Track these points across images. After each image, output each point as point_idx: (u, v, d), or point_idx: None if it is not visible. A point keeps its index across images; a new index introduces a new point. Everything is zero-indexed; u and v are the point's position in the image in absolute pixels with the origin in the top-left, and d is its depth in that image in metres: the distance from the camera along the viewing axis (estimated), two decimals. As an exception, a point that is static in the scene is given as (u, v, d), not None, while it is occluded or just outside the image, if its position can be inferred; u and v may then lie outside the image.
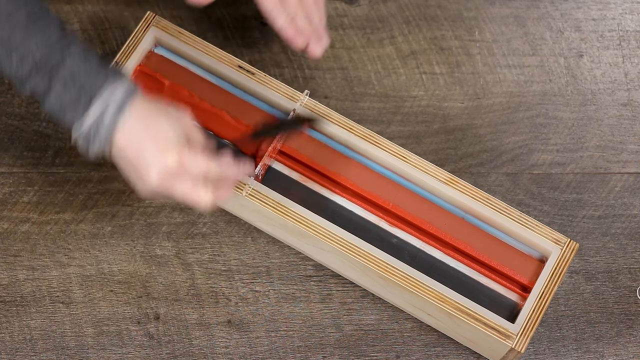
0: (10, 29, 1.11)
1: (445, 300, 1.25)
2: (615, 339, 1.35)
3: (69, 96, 1.11)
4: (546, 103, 1.46)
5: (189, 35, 1.34)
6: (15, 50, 1.11)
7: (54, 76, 1.12)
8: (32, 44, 1.11)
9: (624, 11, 1.51)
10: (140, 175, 1.11)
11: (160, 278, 1.35)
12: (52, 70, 1.12)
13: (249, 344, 1.33)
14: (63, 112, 1.12)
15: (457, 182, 1.29)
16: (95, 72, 1.12)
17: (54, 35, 1.12)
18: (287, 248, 1.37)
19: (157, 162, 1.10)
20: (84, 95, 1.11)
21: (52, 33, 1.12)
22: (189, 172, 1.11)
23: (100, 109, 1.11)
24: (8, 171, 1.39)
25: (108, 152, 1.13)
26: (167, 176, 1.11)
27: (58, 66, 1.11)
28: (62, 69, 1.12)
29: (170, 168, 1.10)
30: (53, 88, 1.12)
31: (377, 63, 1.47)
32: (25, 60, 1.11)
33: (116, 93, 1.11)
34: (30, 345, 1.32)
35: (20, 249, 1.36)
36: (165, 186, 1.11)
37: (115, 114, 1.11)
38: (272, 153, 1.30)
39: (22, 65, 1.12)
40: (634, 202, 1.41)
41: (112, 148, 1.12)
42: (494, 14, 1.50)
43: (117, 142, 1.11)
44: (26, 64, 1.12)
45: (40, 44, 1.12)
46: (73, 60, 1.12)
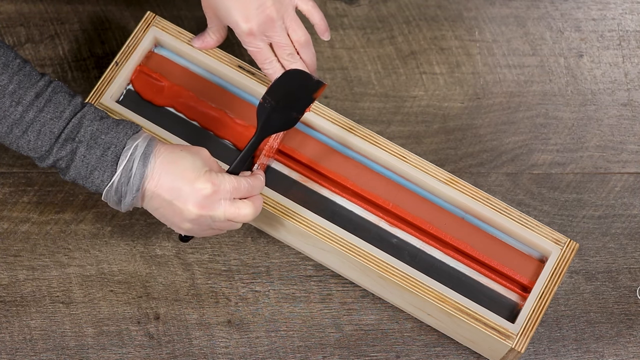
0: (23, 110, 1.14)
1: (445, 300, 1.25)
2: (615, 339, 1.35)
3: (95, 156, 1.14)
4: (546, 103, 1.46)
5: (189, 35, 1.34)
6: (30, 127, 1.14)
7: (76, 141, 1.14)
8: (47, 117, 1.14)
9: (624, 11, 1.51)
10: (180, 211, 1.15)
11: (160, 278, 1.35)
12: (73, 136, 1.14)
13: (249, 344, 1.33)
14: (91, 173, 1.15)
15: (457, 182, 1.29)
16: (114, 127, 1.15)
17: (64, 101, 1.14)
18: (287, 248, 1.37)
19: (192, 192, 1.14)
20: (110, 152, 1.14)
21: (61, 100, 1.14)
22: (223, 190, 1.15)
23: (127, 162, 1.14)
24: (8, 171, 1.39)
25: (140, 201, 1.17)
26: (205, 201, 1.15)
27: (77, 130, 1.14)
28: (82, 131, 1.15)
29: (205, 192, 1.14)
30: (77, 153, 1.15)
31: (377, 63, 1.47)
32: (43, 135, 1.14)
33: (139, 144, 1.15)
34: (30, 345, 1.32)
35: (20, 249, 1.36)
36: (206, 212, 1.15)
37: (142, 164, 1.14)
38: (270, 152, 1.30)
39: (40, 140, 1.14)
40: (634, 202, 1.41)
41: (144, 196, 1.16)
42: (494, 14, 1.50)
43: (148, 189, 1.15)
44: (45, 138, 1.14)
45: (54, 115, 1.14)
46: (89, 121, 1.15)
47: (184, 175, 1.14)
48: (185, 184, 1.14)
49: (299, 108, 1.25)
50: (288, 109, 1.24)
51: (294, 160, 1.32)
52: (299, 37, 1.26)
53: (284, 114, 1.24)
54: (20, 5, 1.47)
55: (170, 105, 1.34)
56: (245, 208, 1.17)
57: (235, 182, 1.16)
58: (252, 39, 1.25)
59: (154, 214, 1.18)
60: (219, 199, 1.15)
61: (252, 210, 1.17)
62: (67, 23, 1.46)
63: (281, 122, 1.24)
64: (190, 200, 1.14)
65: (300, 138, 1.32)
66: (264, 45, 1.26)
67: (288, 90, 1.24)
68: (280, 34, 1.25)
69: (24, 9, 1.46)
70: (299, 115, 1.25)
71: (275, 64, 1.27)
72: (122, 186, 1.15)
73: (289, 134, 1.32)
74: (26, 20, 1.46)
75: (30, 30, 1.45)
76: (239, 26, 1.24)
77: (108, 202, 1.17)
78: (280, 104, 1.23)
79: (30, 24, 1.46)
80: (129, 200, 1.15)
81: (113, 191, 1.15)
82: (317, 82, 1.25)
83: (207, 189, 1.14)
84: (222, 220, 1.17)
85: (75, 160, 1.15)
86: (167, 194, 1.15)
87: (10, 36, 1.45)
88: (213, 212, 1.15)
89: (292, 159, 1.32)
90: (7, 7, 1.46)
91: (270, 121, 1.23)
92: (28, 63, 1.15)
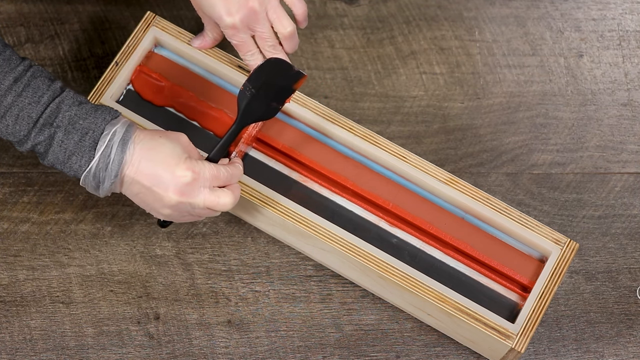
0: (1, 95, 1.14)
1: (445, 300, 1.25)
2: (615, 339, 1.35)
3: (72, 142, 1.14)
4: (546, 103, 1.46)
5: (189, 35, 1.34)
6: (8, 112, 1.14)
7: (54, 126, 1.15)
8: (25, 102, 1.14)
9: (624, 11, 1.51)
10: (159, 197, 1.15)
11: (160, 278, 1.35)
12: (51, 121, 1.14)
13: (249, 344, 1.33)
14: (69, 158, 1.15)
15: (457, 182, 1.29)
16: (92, 113, 1.15)
17: (43, 86, 1.15)
18: (287, 248, 1.37)
19: (172, 179, 1.14)
20: (87, 137, 1.14)
21: (40, 85, 1.14)
22: (203, 178, 1.15)
23: (106, 148, 1.14)
24: (8, 171, 1.39)
25: (118, 187, 1.16)
26: (185, 189, 1.15)
27: (55, 115, 1.14)
28: (60, 117, 1.15)
29: (185, 180, 1.14)
30: (55, 138, 1.15)
31: (377, 63, 1.47)
32: (21, 120, 1.14)
33: (117, 129, 1.15)
34: (30, 345, 1.32)
35: (20, 249, 1.36)
36: (186, 199, 1.15)
37: (121, 150, 1.14)
38: (249, 140, 1.30)
39: (19, 125, 1.14)
40: (634, 202, 1.41)
41: (122, 182, 1.16)
42: (494, 14, 1.50)
43: (127, 175, 1.15)
44: (23, 123, 1.14)
45: (32, 100, 1.13)
46: (68, 106, 1.15)
47: (163, 162, 1.15)
48: (165, 171, 1.14)
49: (279, 98, 1.25)
50: (268, 98, 1.24)
51: (294, 160, 1.32)
52: (283, 29, 1.26)
53: (264, 103, 1.24)
54: (20, 5, 1.47)
55: (170, 105, 1.34)
56: (225, 197, 1.17)
57: (215, 170, 1.17)
58: (235, 32, 1.25)
59: (133, 199, 1.18)
60: (198, 187, 1.16)
61: (231, 198, 1.17)
62: (67, 23, 1.46)
63: (261, 111, 1.24)
64: (170, 187, 1.15)
65: (300, 138, 1.32)
66: (247, 37, 1.26)
67: (268, 79, 1.24)
68: (263, 26, 1.25)
69: (24, 9, 1.46)
70: (279, 106, 1.25)
71: (258, 56, 1.28)
72: (100, 172, 1.15)
73: (289, 134, 1.32)
74: (26, 20, 1.46)
75: (30, 30, 1.45)
76: (223, 20, 1.24)
77: (86, 188, 1.17)
78: (261, 93, 1.23)
79: (30, 24, 1.46)
80: (107, 186, 1.15)
81: (91, 177, 1.15)
82: (297, 72, 1.25)
83: (187, 176, 1.15)
84: (202, 208, 1.17)
85: (53, 145, 1.15)
86: (146, 180, 1.15)
87: (10, 36, 1.45)
88: (193, 200, 1.16)
89: (292, 159, 1.32)
90: (7, 7, 1.46)
91: (250, 109, 1.23)
92: (8, 47, 1.15)
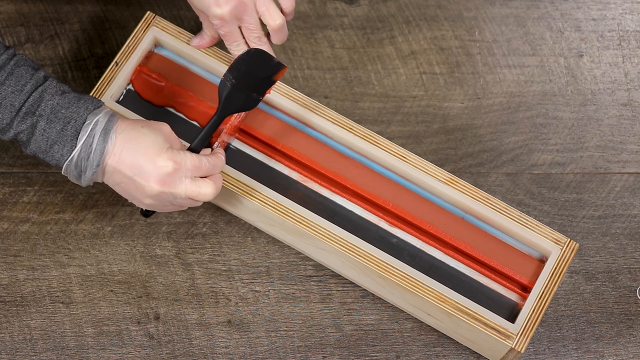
0: None
1: (445, 300, 1.25)
2: (615, 339, 1.35)
3: (55, 131, 1.15)
4: (546, 103, 1.46)
5: (189, 35, 1.34)
6: None
7: (36, 115, 1.15)
8: (8, 91, 1.14)
9: (624, 11, 1.51)
10: (141, 187, 1.16)
11: (160, 278, 1.35)
12: (33, 110, 1.15)
13: (249, 344, 1.33)
14: (51, 147, 1.16)
15: (457, 182, 1.29)
16: (75, 102, 1.16)
17: (26, 75, 1.15)
18: (287, 248, 1.37)
19: (154, 169, 1.15)
20: (70, 126, 1.15)
21: (23, 73, 1.15)
22: (184, 168, 1.16)
23: (88, 137, 1.15)
24: (8, 171, 1.39)
25: (100, 176, 1.17)
26: (166, 178, 1.15)
27: (38, 104, 1.14)
28: (42, 105, 1.15)
29: (167, 170, 1.15)
30: (38, 126, 1.15)
31: (377, 63, 1.47)
32: (3, 108, 1.14)
33: (99, 119, 1.15)
34: (30, 345, 1.32)
35: (20, 249, 1.36)
36: (168, 189, 1.16)
37: (103, 140, 1.15)
38: (231, 130, 1.30)
39: (1, 113, 1.15)
40: (634, 202, 1.41)
41: (104, 172, 1.17)
42: (494, 14, 1.50)
43: (109, 165, 1.16)
44: (5, 112, 1.15)
45: (15, 88, 1.14)
46: (50, 95, 1.16)
47: (145, 152, 1.15)
48: (147, 161, 1.15)
49: (260, 89, 1.26)
50: (248, 88, 1.25)
51: (294, 160, 1.32)
52: (272, 21, 1.26)
53: (245, 93, 1.25)
54: (20, 5, 1.47)
55: (170, 105, 1.34)
56: (207, 187, 1.17)
57: (197, 161, 1.17)
58: (223, 23, 1.26)
59: (115, 188, 1.19)
60: (180, 177, 1.16)
61: (213, 189, 1.18)
62: (67, 23, 1.46)
63: (241, 101, 1.25)
64: (152, 177, 1.15)
65: (300, 138, 1.32)
66: (234, 28, 1.27)
67: (248, 69, 1.24)
68: (250, 17, 1.26)
69: (24, 9, 1.46)
70: (259, 97, 1.26)
71: (243, 46, 1.29)
72: (82, 161, 1.15)
73: (289, 134, 1.32)
74: (26, 20, 1.46)
75: (30, 30, 1.45)
76: (212, 10, 1.25)
77: (68, 177, 1.18)
78: (241, 83, 1.24)
79: (30, 24, 1.46)
80: (89, 175, 1.16)
81: (73, 166, 1.16)
82: (277, 63, 1.26)
83: (169, 166, 1.15)
84: (183, 198, 1.17)
85: (36, 134, 1.15)
86: (128, 170, 1.15)
87: (10, 36, 1.45)
88: (174, 190, 1.16)
89: (292, 159, 1.32)
90: (7, 7, 1.46)
91: (231, 99, 1.24)
92: None
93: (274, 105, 1.34)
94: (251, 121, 1.33)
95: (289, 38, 1.47)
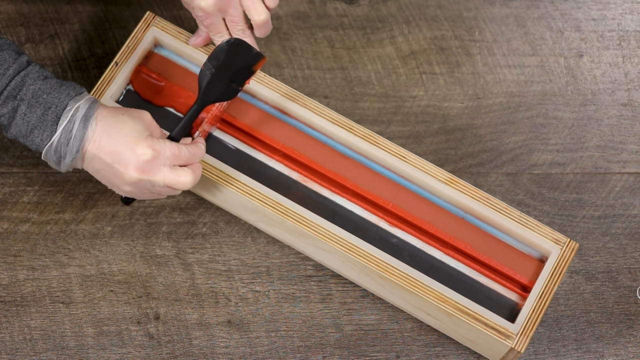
0: None
1: (445, 300, 1.25)
2: (615, 339, 1.35)
3: (35, 115, 1.16)
4: (546, 103, 1.46)
5: (188, 35, 1.34)
6: None
7: (17, 99, 1.15)
8: None
9: (624, 11, 1.51)
10: (120, 174, 1.17)
11: (160, 278, 1.35)
12: (15, 94, 1.15)
13: (249, 344, 1.33)
14: (31, 132, 1.16)
15: (457, 182, 1.29)
16: (57, 88, 1.16)
17: (9, 59, 1.15)
18: (287, 248, 1.37)
19: (133, 157, 1.16)
20: (50, 112, 1.16)
21: (7, 57, 1.15)
22: (163, 156, 1.17)
23: (68, 123, 1.15)
24: (8, 171, 1.39)
25: (80, 163, 1.18)
26: (145, 166, 1.16)
27: (20, 89, 1.15)
28: (24, 90, 1.16)
29: (145, 157, 1.16)
30: (18, 111, 1.16)
31: (377, 63, 1.47)
32: None
33: (80, 105, 1.16)
34: (30, 345, 1.32)
35: (20, 249, 1.36)
36: (146, 176, 1.17)
37: (83, 126, 1.15)
38: (213, 120, 1.30)
39: None
40: (634, 202, 1.41)
41: (84, 158, 1.17)
42: (494, 14, 1.50)
43: (88, 151, 1.16)
44: None
45: None
46: (32, 80, 1.16)
47: (125, 140, 1.16)
48: (126, 149, 1.16)
49: (239, 79, 1.27)
50: (228, 78, 1.26)
51: (294, 160, 1.32)
52: (257, 16, 1.27)
53: (224, 82, 1.25)
54: (20, 5, 1.47)
55: (169, 105, 1.34)
56: (185, 176, 1.18)
57: (176, 149, 1.18)
58: (207, 15, 1.27)
59: (95, 175, 1.20)
60: (159, 165, 1.17)
61: (191, 178, 1.18)
62: (67, 23, 1.46)
63: (221, 91, 1.25)
64: (130, 164, 1.16)
65: (300, 137, 1.32)
66: (218, 20, 1.28)
67: (228, 59, 1.25)
68: (234, 10, 1.27)
69: (24, 9, 1.46)
70: (238, 87, 1.26)
71: (226, 37, 1.29)
72: (61, 147, 1.16)
73: (290, 134, 1.32)
74: (26, 20, 1.46)
75: (30, 30, 1.45)
76: (195, 2, 1.26)
77: (48, 162, 1.19)
78: (221, 72, 1.25)
79: (30, 24, 1.46)
80: (69, 161, 1.17)
81: (52, 151, 1.16)
82: (257, 54, 1.27)
83: (148, 154, 1.16)
84: (162, 186, 1.18)
85: (16, 118, 1.16)
86: (108, 157, 1.16)
87: (10, 36, 1.45)
88: (152, 177, 1.17)
89: (292, 159, 1.32)
90: (7, 7, 1.46)
91: (210, 89, 1.24)
92: None
93: (275, 106, 1.34)
94: (251, 121, 1.33)
95: (289, 38, 1.47)
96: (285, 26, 1.48)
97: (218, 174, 1.29)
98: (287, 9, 1.49)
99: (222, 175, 1.29)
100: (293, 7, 1.49)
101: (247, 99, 1.34)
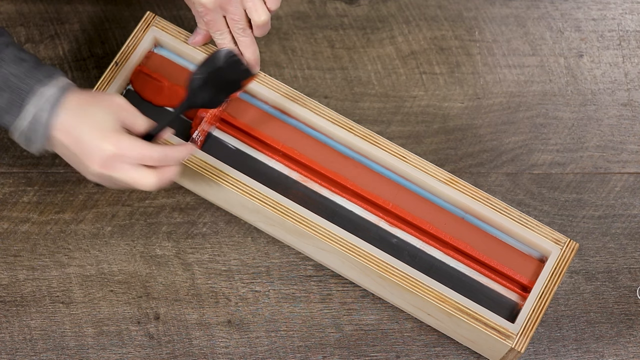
0: None
1: (445, 300, 1.25)
2: (615, 339, 1.35)
3: (4, 99, 1.15)
4: (546, 103, 1.46)
5: (188, 35, 1.34)
6: None
7: None
8: None
9: (624, 11, 1.51)
10: (84, 165, 1.16)
11: (160, 278, 1.35)
12: None
13: (249, 344, 1.33)
14: (1, 116, 1.16)
15: (457, 182, 1.29)
16: (27, 73, 1.16)
17: None
18: (287, 248, 1.37)
19: (96, 151, 1.15)
20: (17, 97, 1.15)
21: None
22: (126, 155, 1.15)
23: (34, 109, 1.15)
24: (8, 171, 1.39)
25: (49, 147, 1.18)
26: (107, 161, 1.15)
27: None
28: None
29: (107, 153, 1.15)
30: None
31: (377, 63, 1.47)
32: None
33: (49, 92, 1.15)
34: (30, 345, 1.32)
35: (20, 249, 1.36)
36: (107, 171, 1.16)
37: (50, 112, 1.15)
38: (212, 120, 1.30)
39: None
40: (634, 202, 1.41)
41: (52, 143, 1.17)
42: (494, 14, 1.50)
43: (55, 138, 1.16)
44: None
45: None
46: (6, 63, 1.16)
47: (90, 132, 1.15)
48: (90, 140, 1.15)
49: (226, 90, 1.27)
50: (215, 87, 1.25)
51: (293, 160, 1.32)
52: (258, 17, 1.27)
53: (210, 91, 1.25)
54: (20, 5, 1.47)
55: (170, 105, 1.34)
56: (147, 178, 1.16)
57: (145, 150, 1.16)
58: (207, 11, 1.27)
59: (65, 160, 1.19)
60: (120, 162, 1.15)
61: (153, 181, 1.16)
62: (67, 23, 1.46)
63: (207, 98, 1.25)
64: (93, 157, 1.15)
65: (300, 137, 1.32)
66: (218, 17, 1.28)
67: (218, 69, 1.25)
68: (235, 8, 1.26)
69: (24, 9, 1.46)
70: (224, 98, 1.27)
71: (227, 36, 1.29)
72: (30, 132, 1.16)
73: (290, 134, 1.32)
74: (26, 20, 1.46)
75: (30, 30, 1.45)
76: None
77: (21, 145, 1.18)
78: (209, 80, 1.24)
79: (30, 24, 1.46)
80: (39, 146, 1.17)
81: (23, 136, 1.16)
82: (246, 70, 1.27)
83: (109, 150, 1.14)
84: (123, 182, 1.17)
85: None
86: (73, 146, 1.15)
87: (10, 36, 1.45)
88: (113, 174, 1.16)
89: (292, 159, 1.32)
90: (7, 7, 1.46)
91: (196, 94, 1.24)
92: None
93: (275, 106, 1.34)
94: (251, 121, 1.33)
95: (289, 38, 1.47)
96: (285, 26, 1.48)
97: (218, 173, 1.29)
98: (287, 9, 1.49)
99: (222, 175, 1.29)
100: (293, 7, 1.49)
101: (247, 98, 1.34)
